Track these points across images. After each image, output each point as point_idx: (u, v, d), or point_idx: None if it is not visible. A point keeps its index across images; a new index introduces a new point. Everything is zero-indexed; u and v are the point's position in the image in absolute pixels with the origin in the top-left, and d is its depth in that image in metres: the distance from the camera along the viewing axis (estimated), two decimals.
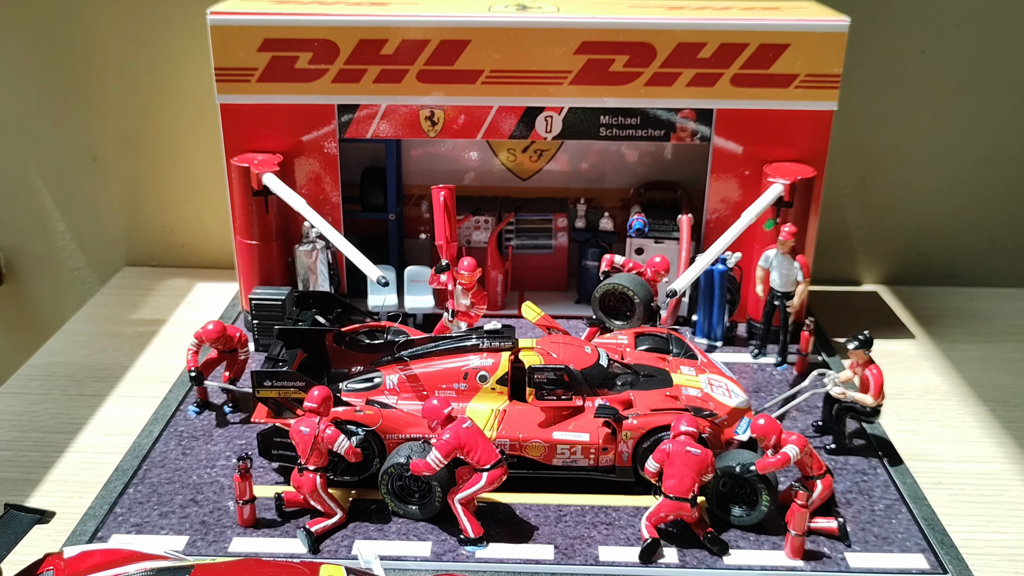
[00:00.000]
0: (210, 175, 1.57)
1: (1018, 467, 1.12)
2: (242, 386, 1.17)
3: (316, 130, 1.30)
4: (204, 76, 1.45)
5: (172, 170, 1.58)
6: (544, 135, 1.31)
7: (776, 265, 1.25)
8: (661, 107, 1.29)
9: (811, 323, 1.24)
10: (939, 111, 1.51)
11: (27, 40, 1.50)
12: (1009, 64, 1.48)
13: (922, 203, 1.57)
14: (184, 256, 1.64)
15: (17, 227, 1.62)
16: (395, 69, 1.26)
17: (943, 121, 1.52)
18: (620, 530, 0.98)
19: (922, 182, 1.56)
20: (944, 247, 1.60)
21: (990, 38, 1.46)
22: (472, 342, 1.07)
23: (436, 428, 0.95)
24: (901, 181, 1.56)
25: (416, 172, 1.48)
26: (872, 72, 1.48)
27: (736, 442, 1.02)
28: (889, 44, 1.47)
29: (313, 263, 1.31)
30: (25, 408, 1.22)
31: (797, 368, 1.26)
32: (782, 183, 1.25)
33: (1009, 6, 1.44)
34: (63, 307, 1.65)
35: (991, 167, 1.54)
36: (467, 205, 1.44)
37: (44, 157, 1.57)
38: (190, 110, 1.53)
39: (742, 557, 0.94)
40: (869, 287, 1.62)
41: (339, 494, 1.00)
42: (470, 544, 0.95)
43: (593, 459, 1.02)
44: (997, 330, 1.44)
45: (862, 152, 1.54)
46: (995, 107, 1.50)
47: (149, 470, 1.07)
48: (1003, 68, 1.48)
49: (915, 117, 1.52)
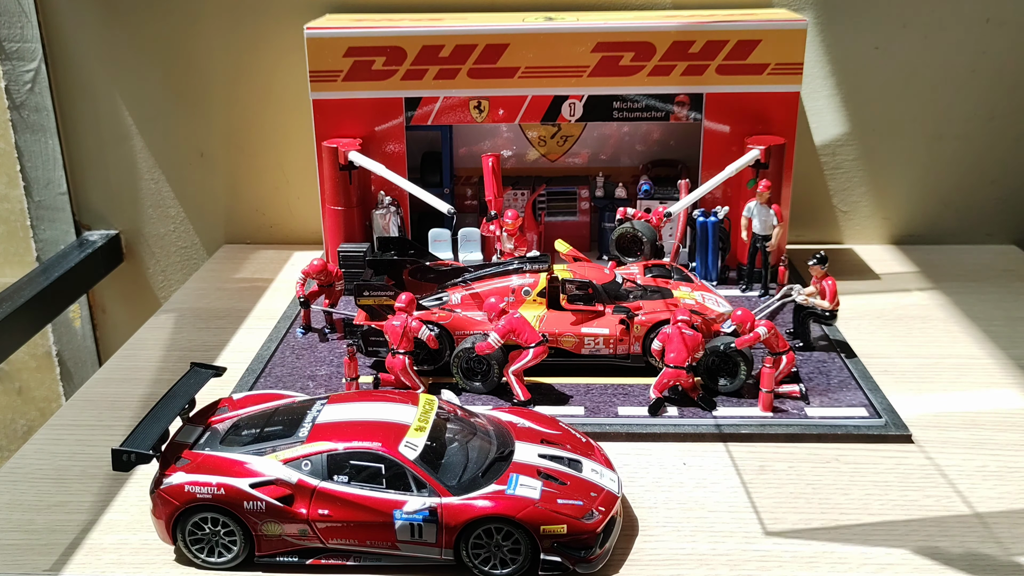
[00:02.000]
0: (294, 167, 1.90)
1: (954, 360, 1.42)
2: (336, 313, 1.50)
3: (388, 120, 1.64)
4: (292, 83, 1.80)
5: (264, 163, 1.91)
6: (569, 118, 1.64)
7: (756, 214, 1.57)
8: (661, 93, 1.61)
9: (786, 259, 1.56)
10: (892, 96, 1.82)
11: (148, 58, 1.83)
12: (948, 56, 1.79)
13: (883, 174, 1.88)
14: (273, 234, 1.96)
15: (136, 213, 1.95)
16: (450, 68, 1.60)
17: (896, 105, 1.83)
18: (634, 398, 1.29)
19: (881, 156, 1.87)
20: (906, 211, 1.90)
21: (931, 35, 1.77)
22: (516, 266, 1.39)
23: (493, 319, 1.27)
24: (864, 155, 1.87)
25: (466, 157, 1.82)
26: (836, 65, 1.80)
27: (722, 334, 1.33)
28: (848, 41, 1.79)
29: (387, 224, 1.64)
30: (166, 337, 1.55)
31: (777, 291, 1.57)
32: (759, 148, 1.57)
33: (945, 9, 1.76)
34: (173, 280, 1.99)
35: (939, 143, 1.85)
36: (506, 183, 1.76)
37: (160, 154, 1.91)
38: (279, 113, 1.86)
39: (726, 412, 1.25)
40: (847, 245, 1.92)
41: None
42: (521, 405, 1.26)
43: (612, 349, 1.33)
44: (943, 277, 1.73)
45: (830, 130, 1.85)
46: (938, 93, 1.82)
47: (271, 370, 1.39)
48: (943, 60, 1.79)
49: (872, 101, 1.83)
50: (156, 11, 1.81)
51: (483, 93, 1.62)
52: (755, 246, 1.58)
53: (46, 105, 1.86)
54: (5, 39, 1.82)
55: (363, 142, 1.62)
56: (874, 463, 1.16)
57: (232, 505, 0.96)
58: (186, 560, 1.00)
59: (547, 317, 1.35)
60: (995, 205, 1.88)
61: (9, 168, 1.93)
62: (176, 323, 1.60)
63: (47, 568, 1.01)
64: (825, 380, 1.33)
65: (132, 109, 1.88)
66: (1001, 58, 1.78)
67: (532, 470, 0.99)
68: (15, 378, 2.11)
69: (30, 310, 1.72)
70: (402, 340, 1.26)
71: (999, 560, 0.99)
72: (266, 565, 0.99)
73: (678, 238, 1.65)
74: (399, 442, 0.98)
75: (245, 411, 1.09)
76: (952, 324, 1.53)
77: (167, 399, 1.06)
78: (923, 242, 1.89)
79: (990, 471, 1.14)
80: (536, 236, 1.74)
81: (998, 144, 1.84)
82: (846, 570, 0.98)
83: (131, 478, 1.14)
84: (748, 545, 1.02)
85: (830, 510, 1.07)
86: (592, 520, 0.96)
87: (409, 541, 0.95)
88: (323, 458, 0.97)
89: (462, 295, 1.39)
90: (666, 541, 1.03)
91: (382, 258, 1.45)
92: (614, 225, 1.63)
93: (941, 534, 1.03)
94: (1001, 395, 1.32)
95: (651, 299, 1.38)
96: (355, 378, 1.29)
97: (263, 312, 1.62)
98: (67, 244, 1.95)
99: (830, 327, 1.45)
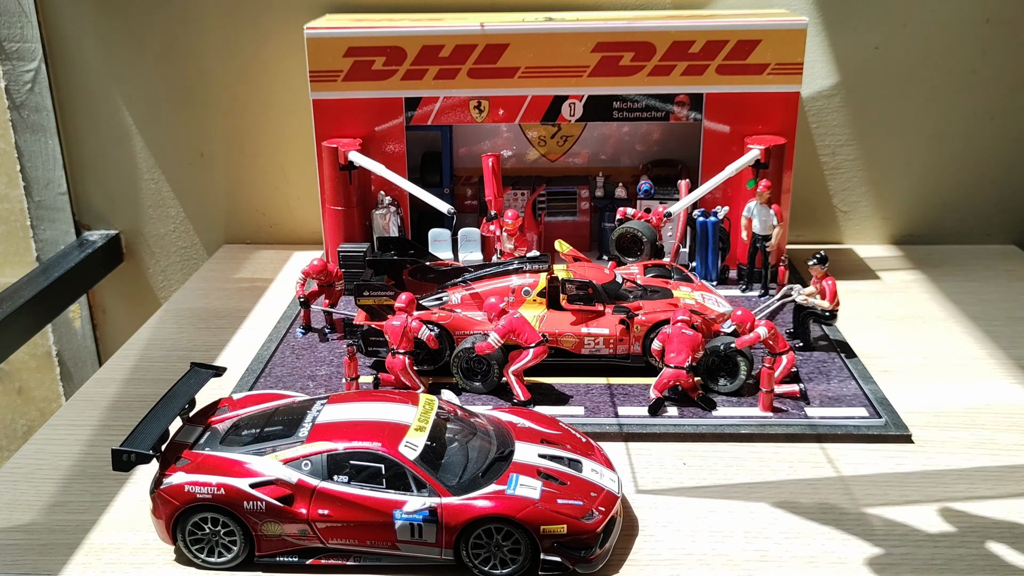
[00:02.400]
0: (294, 167, 1.90)
1: (955, 360, 1.42)
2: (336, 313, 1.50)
3: (388, 120, 1.64)
4: (292, 84, 1.80)
5: (264, 163, 1.91)
6: (569, 118, 1.64)
7: (756, 213, 1.57)
8: (661, 93, 1.61)
9: (786, 259, 1.56)
10: (892, 96, 1.82)
11: (148, 58, 1.83)
12: (948, 56, 1.79)
13: (883, 174, 1.88)
14: (273, 234, 1.96)
15: (136, 213, 1.95)
16: (450, 68, 1.60)
17: (896, 105, 1.83)
18: (634, 398, 1.29)
19: (881, 156, 1.87)
20: (906, 211, 1.90)
21: (931, 35, 1.78)
22: (516, 266, 1.39)
23: (493, 319, 1.27)
24: (864, 156, 1.87)
25: (465, 157, 1.82)
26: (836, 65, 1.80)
27: (722, 334, 1.33)
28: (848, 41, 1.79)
29: (387, 224, 1.64)
30: (166, 337, 1.55)
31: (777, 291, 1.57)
32: (759, 148, 1.57)
33: (945, 9, 1.76)
34: (173, 280, 1.99)
35: (939, 143, 1.85)
36: (506, 183, 1.76)
37: (160, 154, 1.91)
38: (280, 113, 1.86)
39: (726, 412, 1.25)
40: (847, 245, 1.92)
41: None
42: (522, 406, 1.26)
43: (612, 349, 1.33)
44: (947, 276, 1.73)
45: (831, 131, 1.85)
46: (938, 93, 1.82)
47: (271, 370, 1.39)
48: (943, 60, 1.79)
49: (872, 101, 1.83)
50: (156, 11, 1.81)
51: (483, 93, 1.62)
52: (755, 246, 1.58)
53: (46, 105, 1.86)
54: (5, 39, 1.82)
55: (363, 142, 1.62)
56: (874, 463, 1.16)
57: (232, 505, 0.96)
58: (186, 560, 1.00)
59: (547, 317, 1.35)
60: (995, 205, 1.88)
61: (9, 168, 1.93)
62: (176, 323, 1.60)
63: (47, 568, 1.01)
64: (825, 380, 1.33)
65: (132, 109, 1.88)
66: (1001, 58, 1.78)
67: (532, 470, 0.99)
68: (15, 378, 2.11)
69: (30, 310, 1.72)
70: (402, 340, 1.26)
71: (999, 560, 0.99)
72: (266, 565, 0.99)
73: (678, 238, 1.65)
74: (399, 442, 0.98)
75: (245, 411, 1.09)
76: (952, 324, 1.53)
77: (167, 399, 1.06)
78: (923, 242, 1.89)
79: (990, 471, 1.14)
80: (536, 236, 1.74)
81: (998, 144, 1.84)
82: (846, 570, 0.98)
83: (131, 478, 1.15)
84: (748, 545, 1.02)
85: (830, 510, 1.07)
86: (592, 520, 0.96)
87: (409, 541, 0.95)
88: (323, 458, 0.97)
89: (462, 295, 1.39)
90: (666, 541, 1.03)
91: (382, 258, 1.45)
92: (614, 225, 1.63)
93: (941, 534, 1.03)
94: (1001, 395, 1.31)
95: (651, 299, 1.38)
96: (355, 378, 1.29)
97: (263, 312, 1.62)
98: (67, 244, 1.95)
99: (830, 327, 1.45)
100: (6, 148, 1.92)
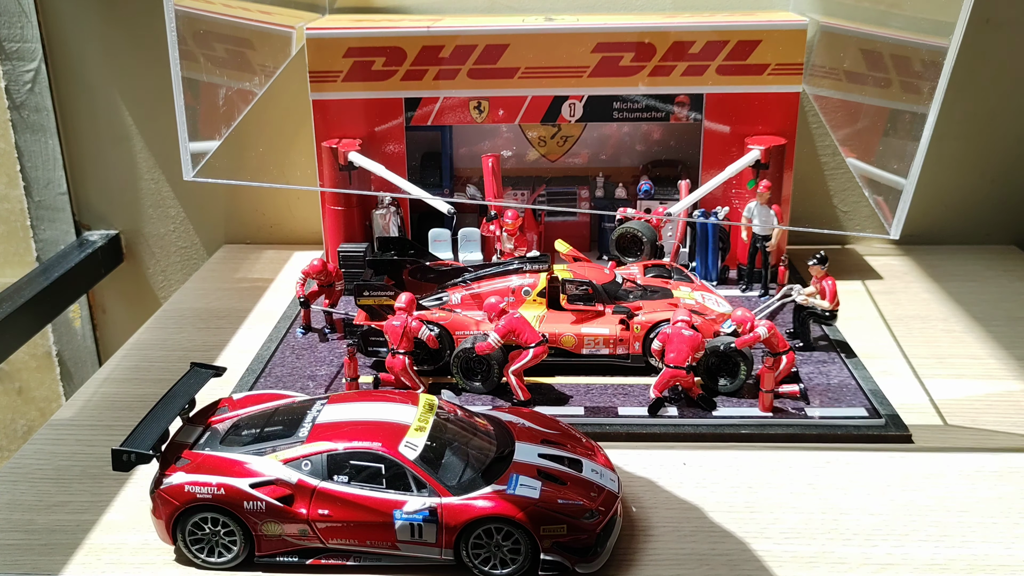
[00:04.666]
0: (295, 167, 1.91)
1: (955, 360, 1.42)
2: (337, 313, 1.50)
3: (388, 120, 1.64)
4: (291, 87, 1.80)
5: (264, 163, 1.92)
6: (569, 119, 1.64)
7: (757, 214, 1.57)
8: (661, 93, 1.61)
9: (786, 259, 1.56)
10: None
11: (148, 58, 1.83)
12: None
13: None
14: (273, 234, 1.96)
15: (135, 213, 1.95)
16: (450, 68, 1.60)
17: None
18: (633, 398, 1.29)
19: None
20: None
21: None
22: (516, 266, 1.39)
23: (493, 319, 1.27)
24: None
25: (465, 157, 1.82)
26: None
27: (722, 334, 1.33)
28: None
29: (387, 224, 1.64)
30: (166, 337, 1.55)
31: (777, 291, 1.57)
32: (759, 148, 1.57)
33: None
34: (173, 280, 1.99)
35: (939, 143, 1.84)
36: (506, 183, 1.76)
37: (160, 154, 1.90)
38: (280, 114, 1.87)
39: (726, 412, 1.25)
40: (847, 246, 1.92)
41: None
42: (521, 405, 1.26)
43: (612, 349, 1.33)
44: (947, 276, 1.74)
45: None
46: None
47: (271, 370, 1.39)
48: None
49: None
50: (156, 11, 1.79)
51: (483, 93, 1.61)
52: (755, 246, 1.58)
53: (46, 105, 1.86)
54: (5, 39, 1.82)
55: (363, 142, 1.62)
56: (874, 463, 1.16)
57: (232, 505, 0.96)
58: (186, 560, 1.00)
59: (547, 317, 1.35)
60: (995, 205, 1.88)
61: (9, 168, 1.93)
62: (176, 323, 1.60)
63: (47, 568, 1.01)
64: (825, 379, 1.32)
65: (132, 109, 1.88)
66: (1001, 59, 1.78)
67: (532, 470, 0.99)
68: (15, 378, 2.11)
69: (30, 310, 1.72)
70: (402, 340, 1.26)
71: (1000, 560, 0.99)
72: (266, 565, 0.99)
73: (678, 238, 1.65)
74: (399, 442, 0.98)
75: (245, 411, 1.09)
76: (952, 324, 1.53)
77: (167, 399, 1.06)
78: (923, 242, 1.89)
79: (990, 471, 1.14)
80: (536, 236, 1.74)
81: (998, 144, 1.84)
82: (846, 570, 0.98)
83: (131, 478, 1.14)
84: (748, 545, 1.02)
85: (830, 510, 1.07)
86: (592, 520, 0.96)
87: (409, 541, 0.95)
88: (323, 458, 0.97)
89: (462, 295, 1.39)
90: (666, 541, 1.03)
91: (382, 258, 1.45)
92: (614, 225, 1.63)
93: (941, 534, 1.03)
94: (1001, 395, 1.31)
95: (651, 299, 1.38)
96: (355, 378, 1.29)
97: (263, 312, 1.62)
98: (67, 244, 1.95)
99: (830, 327, 1.45)
100: (6, 148, 1.92)
